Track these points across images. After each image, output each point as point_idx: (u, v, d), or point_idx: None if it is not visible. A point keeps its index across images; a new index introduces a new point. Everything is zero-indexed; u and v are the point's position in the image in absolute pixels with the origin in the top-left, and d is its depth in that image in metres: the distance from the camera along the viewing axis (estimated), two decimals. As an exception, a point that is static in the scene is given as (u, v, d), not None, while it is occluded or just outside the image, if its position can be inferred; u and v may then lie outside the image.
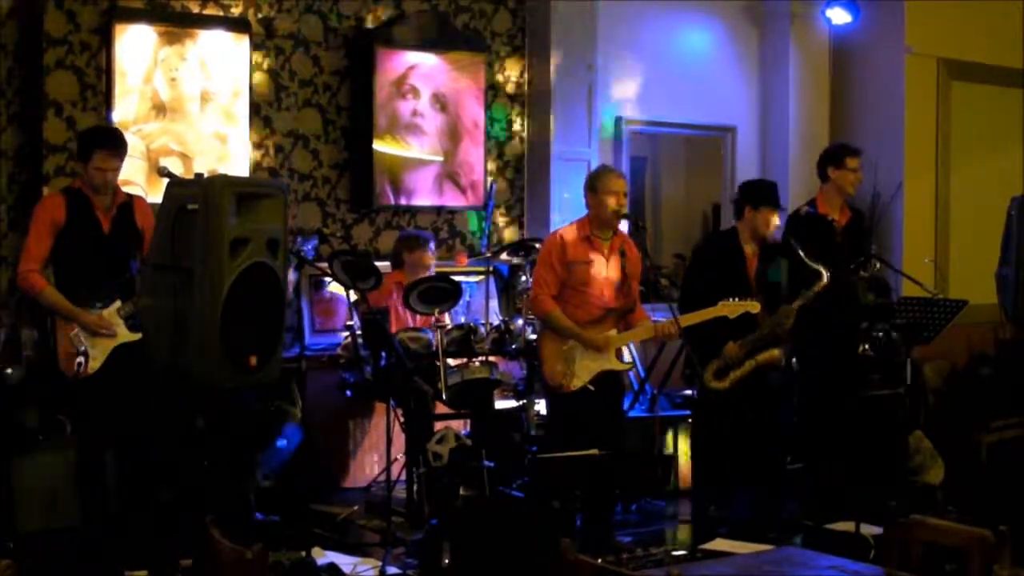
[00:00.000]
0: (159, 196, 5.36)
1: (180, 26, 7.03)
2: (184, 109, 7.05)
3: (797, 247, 6.25)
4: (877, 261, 6.74)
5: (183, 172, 6.70)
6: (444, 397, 6.39)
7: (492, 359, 6.72)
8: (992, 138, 9.68)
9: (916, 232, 9.15)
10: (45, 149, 6.68)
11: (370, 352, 6.50)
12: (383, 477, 6.52)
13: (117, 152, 5.68)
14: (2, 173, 6.68)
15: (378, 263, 6.60)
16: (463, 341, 6.60)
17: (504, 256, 7.55)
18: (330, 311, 7.55)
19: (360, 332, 6.60)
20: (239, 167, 7.14)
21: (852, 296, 6.61)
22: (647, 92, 8.76)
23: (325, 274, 6.61)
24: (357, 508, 6.65)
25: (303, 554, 5.48)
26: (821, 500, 6.55)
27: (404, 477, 6.58)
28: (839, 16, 8.84)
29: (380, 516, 6.36)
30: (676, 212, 10.23)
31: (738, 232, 6.39)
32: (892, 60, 9.19)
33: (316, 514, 6.38)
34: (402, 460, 6.61)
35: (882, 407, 6.79)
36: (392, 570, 5.57)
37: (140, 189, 5.96)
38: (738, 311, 5.97)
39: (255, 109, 7.28)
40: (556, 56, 8.22)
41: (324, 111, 7.64)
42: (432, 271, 6.97)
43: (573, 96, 8.28)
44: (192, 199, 5.00)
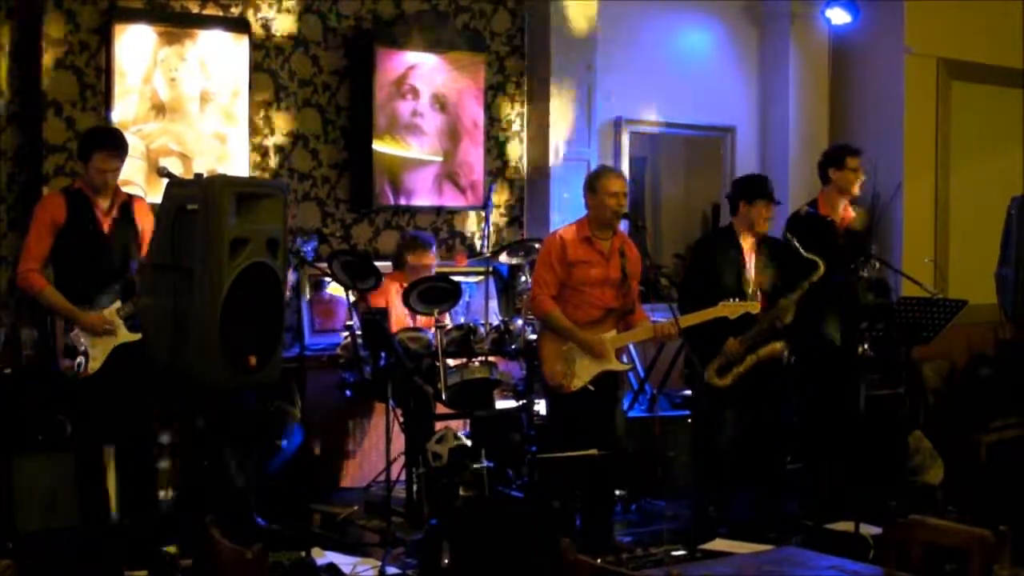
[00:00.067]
0: (159, 196, 5.37)
1: (180, 26, 7.02)
2: (184, 109, 7.05)
3: (793, 239, 6.27)
4: (876, 262, 6.74)
5: (183, 172, 6.70)
6: (444, 397, 6.39)
7: (492, 359, 6.72)
8: (992, 138, 9.67)
9: (916, 232, 9.15)
10: (45, 149, 6.68)
11: (370, 352, 6.50)
12: (383, 477, 6.52)
13: (118, 153, 5.68)
14: (2, 173, 6.67)
15: (377, 263, 6.60)
16: (463, 341, 6.60)
17: (504, 256, 7.55)
18: (330, 311, 7.55)
19: (360, 332, 6.60)
20: (239, 167, 7.14)
21: (852, 296, 6.62)
22: (647, 92, 8.75)
23: (325, 274, 6.61)
24: (357, 508, 6.65)
25: (303, 554, 5.48)
26: (821, 500, 6.55)
27: (404, 477, 6.58)
28: (839, 16, 8.83)
29: (380, 516, 6.36)
30: (676, 212, 10.22)
31: (735, 228, 6.40)
32: (892, 60, 9.19)
33: (316, 514, 6.37)
34: (402, 460, 6.60)
35: (882, 407, 6.79)
36: (392, 570, 5.57)
37: (140, 189, 5.97)
38: (738, 311, 5.97)
39: (254, 109, 7.28)
40: (556, 56, 8.22)
41: (324, 111, 7.63)
42: (433, 273, 6.97)
43: (573, 96, 8.28)
44: (192, 199, 5.01)
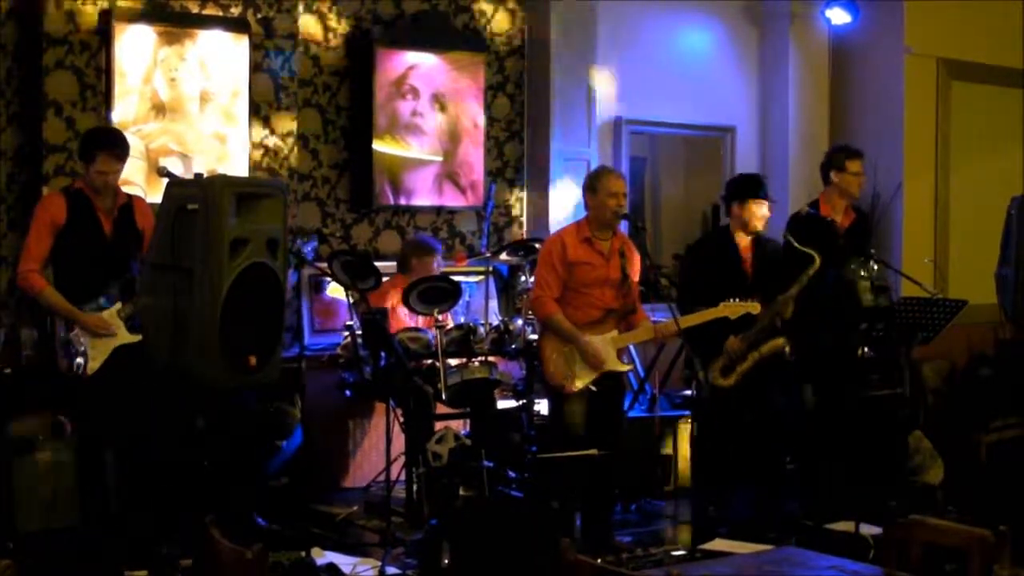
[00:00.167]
0: (159, 196, 5.37)
1: (180, 26, 7.02)
2: (184, 109, 7.05)
3: (788, 234, 6.30)
4: (876, 262, 6.74)
5: (183, 172, 6.69)
6: (444, 397, 6.39)
7: (492, 359, 6.72)
8: (992, 138, 9.67)
9: (916, 232, 9.14)
10: (45, 149, 6.67)
11: (370, 352, 6.50)
12: (382, 477, 6.52)
13: (120, 155, 5.67)
14: (2, 173, 6.68)
15: (377, 263, 6.60)
16: (463, 341, 6.60)
17: (504, 256, 7.55)
18: (330, 311, 7.55)
19: (360, 332, 6.60)
20: (238, 167, 7.14)
21: (852, 296, 6.62)
22: (647, 92, 8.75)
23: (325, 274, 6.61)
24: (356, 508, 6.65)
25: (303, 554, 5.48)
26: (821, 500, 6.55)
27: (404, 477, 6.57)
28: (839, 16, 8.83)
29: (380, 516, 6.36)
30: (676, 212, 10.21)
31: (731, 228, 6.41)
32: (892, 60, 9.18)
33: (316, 514, 6.37)
34: (402, 460, 6.60)
35: (882, 407, 6.79)
36: (392, 570, 5.57)
37: (140, 189, 5.96)
38: (739, 312, 5.97)
39: (255, 109, 7.28)
40: (556, 55, 8.22)
41: (324, 111, 7.63)
42: (435, 276, 6.97)
43: (573, 96, 8.27)
44: (192, 199, 5.01)
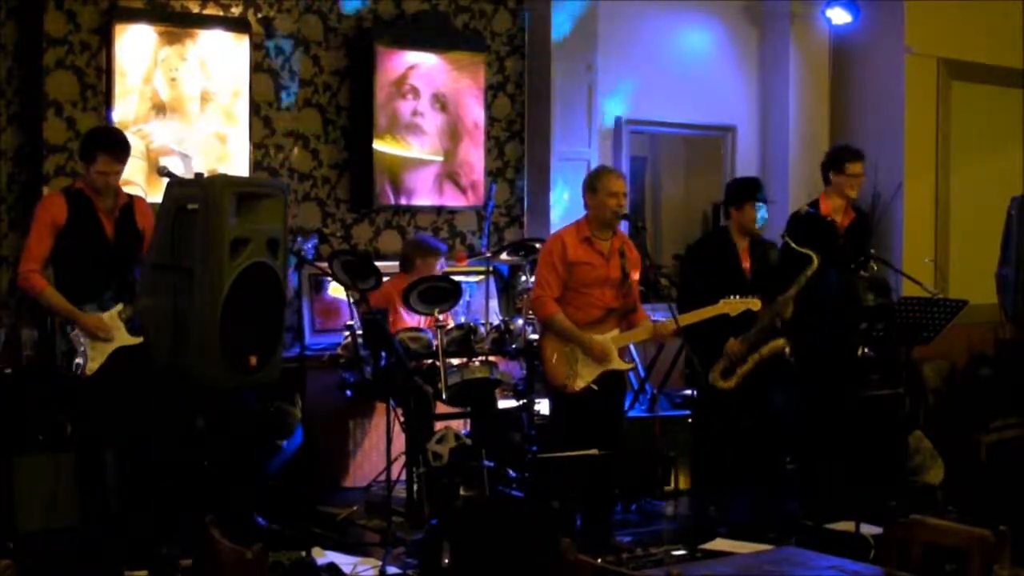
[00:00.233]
0: (159, 196, 5.37)
1: (180, 26, 7.02)
2: (184, 109, 7.05)
3: (786, 236, 6.31)
4: (875, 262, 6.75)
5: (183, 172, 6.69)
6: (444, 397, 6.39)
7: (492, 359, 6.72)
8: (992, 138, 9.67)
9: (916, 232, 9.14)
10: (45, 149, 6.67)
11: (370, 352, 6.50)
12: (383, 477, 6.52)
13: (121, 156, 5.65)
14: (2, 173, 6.68)
15: (378, 263, 6.60)
16: (463, 341, 6.60)
17: (504, 256, 7.55)
18: (331, 311, 7.55)
19: (360, 332, 6.60)
20: (239, 167, 7.14)
21: (852, 296, 6.62)
22: (647, 92, 8.75)
23: (325, 274, 6.61)
24: (357, 508, 6.65)
25: (303, 554, 5.48)
26: (821, 500, 6.55)
27: (404, 477, 6.57)
28: (839, 16, 8.84)
29: (380, 516, 6.36)
30: (676, 212, 10.21)
31: (729, 230, 6.42)
32: (892, 60, 9.18)
33: (316, 514, 6.37)
34: (402, 460, 6.60)
35: (882, 407, 6.79)
36: (392, 570, 5.57)
37: (140, 189, 5.95)
38: (739, 308, 5.97)
39: (255, 109, 7.28)
40: (556, 56, 8.22)
41: (324, 111, 7.63)
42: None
43: (573, 96, 8.27)
44: (192, 199, 5.01)
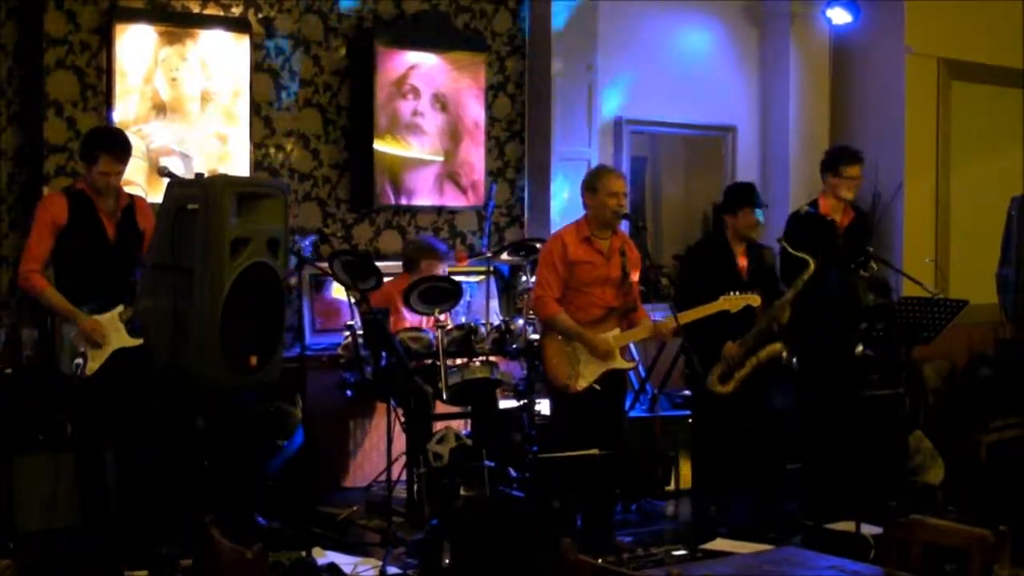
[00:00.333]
0: (159, 196, 5.37)
1: (180, 26, 7.03)
2: (184, 109, 7.05)
3: (783, 240, 6.32)
4: (874, 261, 6.75)
5: (183, 172, 6.69)
6: (445, 397, 6.39)
7: (493, 359, 6.72)
8: (992, 138, 9.67)
9: (916, 232, 9.14)
10: (45, 149, 6.67)
11: (371, 352, 6.50)
12: (383, 477, 6.52)
13: (122, 156, 5.64)
14: (2, 173, 6.68)
15: (378, 263, 6.60)
16: (464, 341, 6.60)
17: (504, 256, 7.55)
18: (331, 311, 7.55)
19: (361, 332, 6.60)
20: (239, 167, 7.14)
21: (852, 296, 6.62)
22: (647, 92, 8.75)
23: (325, 273, 6.61)
24: (357, 508, 6.65)
25: (303, 554, 5.48)
26: (821, 500, 6.55)
27: (404, 477, 6.57)
28: (839, 16, 8.84)
29: (380, 516, 6.36)
30: (676, 212, 10.21)
31: (726, 235, 6.44)
32: (892, 60, 9.18)
33: (316, 514, 6.37)
34: (403, 460, 6.60)
35: (882, 407, 6.79)
36: (392, 570, 5.57)
37: (141, 189, 5.95)
38: (739, 305, 5.98)
39: (255, 109, 7.28)
40: (556, 56, 8.22)
41: (324, 111, 7.64)
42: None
43: (573, 96, 8.27)
44: (192, 199, 5.02)
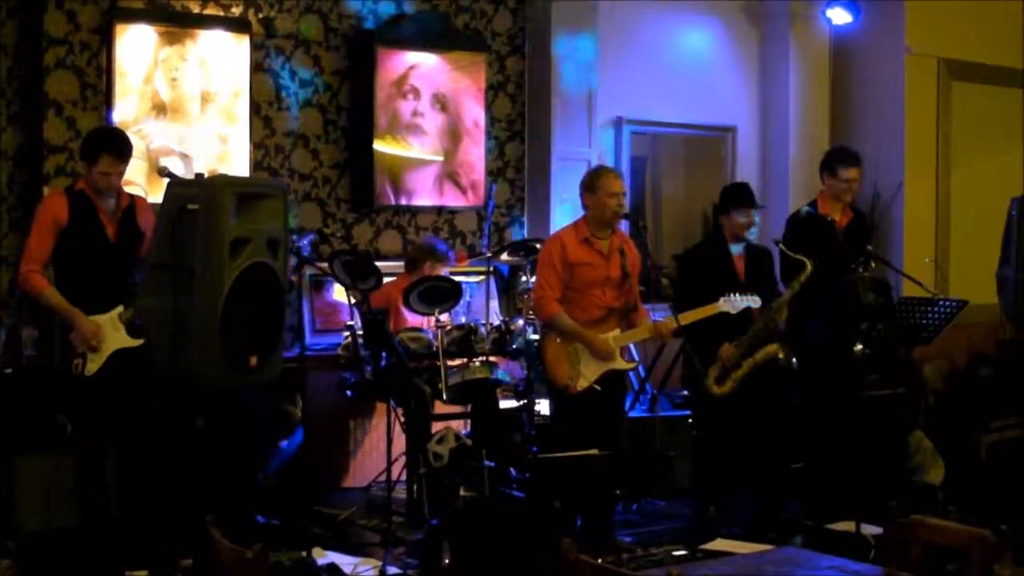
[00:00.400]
0: (159, 196, 5.37)
1: (180, 26, 7.03)
2: (184, 109, 7.06)
3: (780, 242, 6.33)
4: (875, 262, 6.74)
5: (183, 172, 6.70)
6: (445, 397, 6.39)
7: (493, 359, 6.72)
8: (992, 138, 9.67)
9: (916, 232, 9.14)
10: (45, 149, 6.68)
11: (370, 352, 6.50)
12: (383, 477, 6.52)
13: (123, 156, 5.64)
14: (2, 173, 6.68)
15: (378, 263, 6.60)
16: (463, 341, 6.60)
17: (504, 256, 7.55)
18: (331, 311, 7.55)
19: (361, 332, 6.60)
20: (239, 167, 7.15)
21: (852, 296, 6.62)
22: (647, 92, 8.75)
23: (325, 273, 6.61)
24: (357, 508, 6.65)
25: (303, 554, 5.48)
26: (821, 500, 6.55)
27: (404, 477, 6.58)
28: (839, 16, 8.83)
29: (380, 516, 6.37)
30: (676, 212, 10.20)
31: (723, 236, 6.45)
32: (892, 60, 9.18)
33: (316, 514, 6.38)
34: (402, 460, 6.60)
35: (882, 407, 6.79)
36: (392, 570, 5.57)
37: (141, 189, 5.95)
38: (739, 307, 5.98)
39: (255, 109, 7.28)
40: (556, 56, 8.22)
41: (325, 111, 7.64)
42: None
43: (573, 96, 8.27)
44: (192, 199, 5.02)
